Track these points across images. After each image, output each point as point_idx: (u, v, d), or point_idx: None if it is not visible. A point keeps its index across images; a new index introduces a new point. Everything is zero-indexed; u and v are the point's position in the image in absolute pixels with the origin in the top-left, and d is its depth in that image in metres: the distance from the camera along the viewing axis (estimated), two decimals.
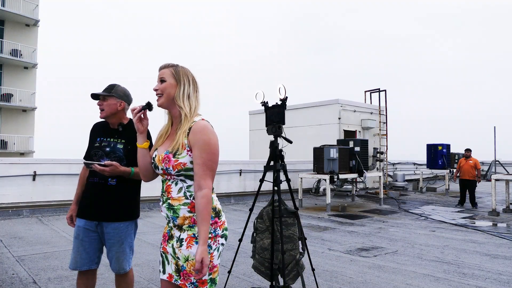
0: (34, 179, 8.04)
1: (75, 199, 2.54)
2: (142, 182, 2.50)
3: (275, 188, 3.15)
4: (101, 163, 2.24)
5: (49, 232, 6.31)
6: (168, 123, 1.88)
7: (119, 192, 2.37)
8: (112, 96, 2.43)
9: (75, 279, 3.86)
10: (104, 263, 3.08)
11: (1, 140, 21.88)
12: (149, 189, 7.77)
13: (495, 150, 17.58)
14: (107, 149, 2.40)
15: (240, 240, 3.49)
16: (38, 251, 5.05)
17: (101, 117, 2.48)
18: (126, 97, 2.50)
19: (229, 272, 3.47)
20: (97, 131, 2.53)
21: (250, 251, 4.00)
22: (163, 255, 1.79)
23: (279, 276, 3.17)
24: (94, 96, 2.48)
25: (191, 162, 1.69)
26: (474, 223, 7.94)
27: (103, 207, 2.34)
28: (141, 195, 2.57)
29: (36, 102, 23.34)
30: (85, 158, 2.53)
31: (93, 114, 2.58)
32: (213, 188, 1.79)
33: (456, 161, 15.16)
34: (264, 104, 3.38)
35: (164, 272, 1.77)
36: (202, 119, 1.76)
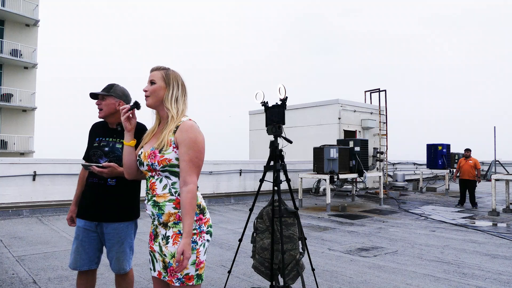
0: (34, 179, 8.04)
1: (74, 200, 2.53)
2: (142, 182, 2.50)
3: (275, 188, 3.15)
4: (99, 164, 2.23)
5: (49, 232, 6.31)
6: (155, 122, 1.94)
7: (118, 193, 2.36)
8: (110, 95, 2.42)
9: (75, 279, 3.86)
10: (104, 263, 3.08)
11: (1, 140, 21.88)
12: None
13: (495, 150, 17.59)
14: (106, 149, 2.39)
15: (240, 240, 3.49)
16: (38, 251, 5.05)
17: (99, 117, 2.47)
18: (125, 97, 2.49)
19: (229, 272, 3.47)
20: (96, 131, 2.52)
21: (250, 251, 4.00)
22: (151, 253, 1.84)
23: (279, 276, 3.17)
24: (93, 96, 2.47)
25: (177, 159, 1.75)
26: (474, 223, 7.94)
27: (103, 208, 2.33)
28: (141, 195, 2.57)
29: (36, 102, 23.35)
30: (84, 158, 2.52)
31: (93, 114, 2.57)
32: (197, 186, 1.83)
33: (456, 161, 15.17)
34: (264, 104, 3.38)
35: (154, 270, 1.82)
36: (189, 119, 1.82)
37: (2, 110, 22.28)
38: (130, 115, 1.91)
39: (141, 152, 1.84)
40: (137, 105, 1.94)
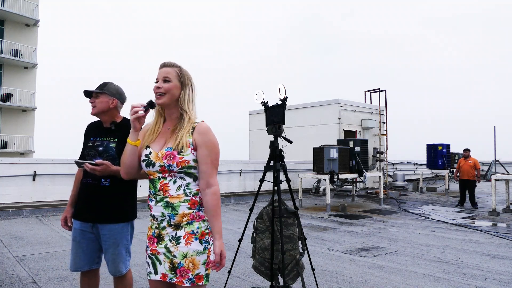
0: (34, 179, 8.04)
1: (70, 201, 2.50)
2: (139, 182, 2.47)
3: (275, 188, 3.15)
4: (92, 162, 2.20)
5: (49, 232, 6.31)
6: (158, 120, 1.86)
7: (112, 193, 2.31)
8: (104, 93, 2.39)
9: (76, 279, 3.86)
10: (104, 263, 3.07)
11: (1, 140, 21.88)
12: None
13: (495, 150, 17.59)
14: (100, 148, 2.35)
15: (240, 240, 3.49)
16: (38, 251, 5.05)
17: (92, 114, 2.43)
18: (119, 95, 2.46)
19: (229, 272, 3.47)
20: (91, 131, 2.50)
21: (250, 251, 3.99)
22: (153, 257, 1.77)
23: (279, 276, 3.18)
24: (87, 94, 2.44)
25: (194, 160, 1.73)
26: (474, 223, 7.94)
27: (97, 209, 2.29)
28: (142, 195, 2.55)
29: (36, 102, 23.35)
30: (80, 159, 2.48)
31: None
32: None
33: (456, 161, 15.16)
34: (264, 104, 3.38)
35: (156, 273, 1.76)
36: (203, 121, 1.81)
37: (2, 110, 22.28)
38: (143, 112, 1.80)
39: (150, 152, 1.76)
40: (152, 105, 1.80)
